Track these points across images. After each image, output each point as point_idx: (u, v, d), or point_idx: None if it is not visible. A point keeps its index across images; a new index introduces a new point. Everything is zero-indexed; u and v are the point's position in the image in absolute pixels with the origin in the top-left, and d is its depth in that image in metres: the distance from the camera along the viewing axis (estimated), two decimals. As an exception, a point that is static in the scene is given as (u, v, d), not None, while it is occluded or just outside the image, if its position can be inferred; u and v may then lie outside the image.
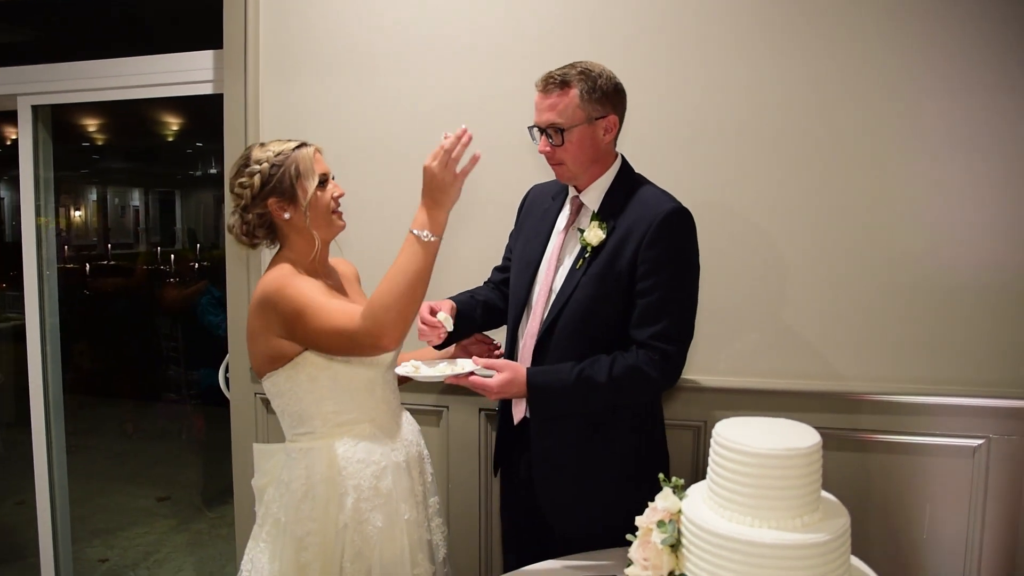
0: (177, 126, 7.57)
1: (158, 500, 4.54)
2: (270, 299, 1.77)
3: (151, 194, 10.48)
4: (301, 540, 1.78)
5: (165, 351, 6.10)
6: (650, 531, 1.45)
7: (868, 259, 2.28)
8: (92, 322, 6.90)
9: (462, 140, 1.70)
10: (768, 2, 2.28)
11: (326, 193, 1.86)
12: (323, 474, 1.80)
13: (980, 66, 2.17)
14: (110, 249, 9.48)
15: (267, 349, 1.81)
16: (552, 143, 1.88)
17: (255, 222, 1.86)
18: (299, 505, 1.79)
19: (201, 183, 9.58)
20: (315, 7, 2.63)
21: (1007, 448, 2.20)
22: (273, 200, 1.82)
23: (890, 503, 2.28)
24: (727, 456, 1.38)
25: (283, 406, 1.88)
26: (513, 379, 1.83)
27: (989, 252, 2.21)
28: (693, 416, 2.38)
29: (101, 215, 9.98)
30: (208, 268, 7.58)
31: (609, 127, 1.90)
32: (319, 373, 1.81)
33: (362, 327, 1.68)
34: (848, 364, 2.32)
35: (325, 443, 1.83)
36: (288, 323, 1.75)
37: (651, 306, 1.83)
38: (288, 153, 1.82)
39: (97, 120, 6.97)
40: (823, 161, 2.29)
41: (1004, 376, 2.22)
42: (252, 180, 1.81)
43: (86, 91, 2.97)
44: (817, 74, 2.27)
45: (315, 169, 1.83)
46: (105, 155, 8.77)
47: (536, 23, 2.44)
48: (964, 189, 2.22)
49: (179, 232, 10.12)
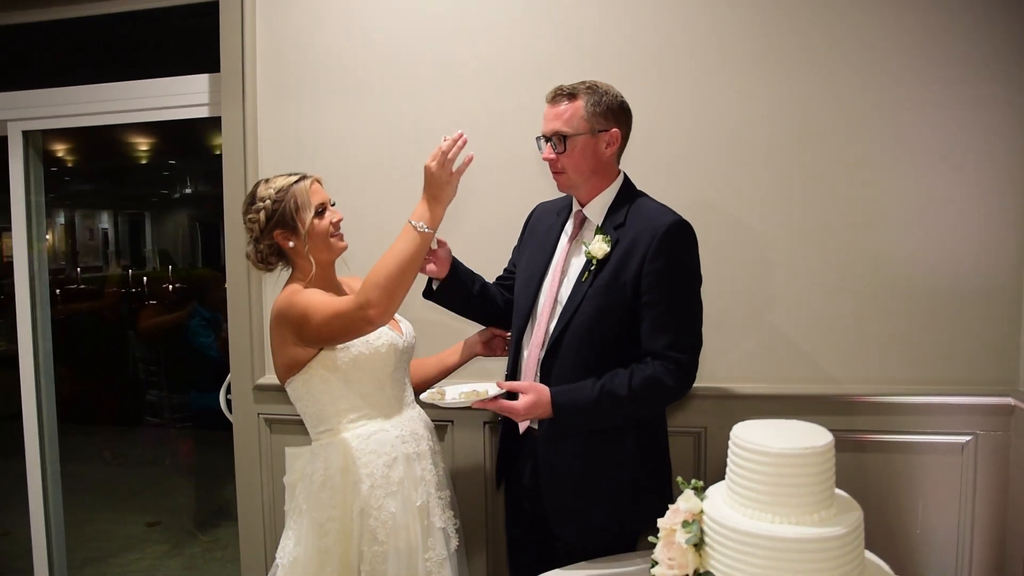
0: (147, 146, 7.50)
1: (148, 526, 4.48)
2: (281, 313, 1.98)
3: (120, 216, 10.33)
4: (322, 526, 1.98)
5: (144, 375, 6.01)
6: (674, 531, 1.51)
7: (857, 265, 2.39)
8: (64, 347, 6.77)
9: (458, 143, 1.88)
10: (758, 20, 2.39)
11: (324, 221, 2.04)
12: (339, 465, 2.00)
13: (960, 81, 2.30)
14: (79, 273, 9.33)
15: (285, 358, 2.01)
16: (556, 151, 1.96)
17: (266, 251, 2.07)
18: (319, 494, 2.00)
19: (175, 204, 9.47)
20: (311, 31, 2.67)
21: (993, 443, 2.31)
22: (278, 232, 2.03)
23: (884, 500, 2.37)
24: (746, 457, 1.45)
25: (304, 408, 2.08)
26: (538, 400, 1.89)
27: (972, 255, 2.33)
28: (693, 423, 2.46)
29: (69, 239, 9.82)
30: (184, 290, 7.49)
31: (611, 141, 1.97)
32: (330, 375, 2.01)
33: (354, 303, 1.86)
34: (841, 367, 2.42)
35: (341, 438, 2.03)
36: (297, 328, 1.95)
37: (661, 317, 1.90)
38: (287, 188, 2.02)
39: (66, 144, 6.89)
40: (812, 172, 2.40)
41: (989, 374, 2.34)
42: (258, 216, 2.03)
43: (79, 116, 2.98)
44: (804, 88, 2.38)
45: (311, 201, 2.02)
46: (75, 178, 8.65)
47: (532, 47, 2.52)
48: (947, 196, 2.34)
49: (150, 254, 9.97)
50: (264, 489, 2.78)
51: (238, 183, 2.69)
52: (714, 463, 2.43)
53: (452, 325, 2.44)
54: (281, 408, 2.71)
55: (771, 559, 1.38)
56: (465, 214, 2.45)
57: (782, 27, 2.38)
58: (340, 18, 2.64)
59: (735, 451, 1.49)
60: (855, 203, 2.38)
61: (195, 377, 4.69)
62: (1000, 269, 2.32)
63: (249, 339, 2.74)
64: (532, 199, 2.34)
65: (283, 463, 2.67)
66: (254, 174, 2.68)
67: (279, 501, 2.73)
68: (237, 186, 2.69)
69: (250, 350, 2.74)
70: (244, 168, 2.68)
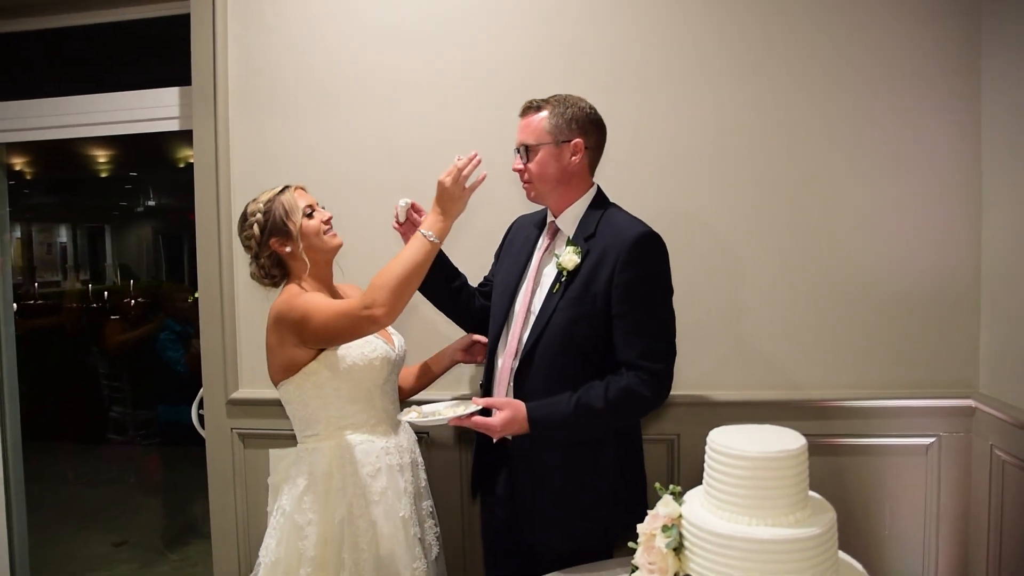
0: (108, 159, 7.38)
1: (115, 545, 4.38)
2: (281, 314, 2.02)
3: (79, 229, 10.12)
4: (302, 529, 2.01)
5: (107, 391, 5.89)
6: (653, 536, 1.54)
7: (822, 273, 2.46)
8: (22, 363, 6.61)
9: (473, 161, 2.00)
10: (734, 39, 2.46)
11: (313, 220, 2.11)
12: (324, 470, 2.04)
13: (918, 93, 2.40)
14: (36, 288, 9.11)
15: (282, 360, 2.04)
16: (523, 161, 2.03)
17: (267, 264, 2.13)
18: (302, 497, 2.03)
19: (137, 216, 9.31)
20: (283, 44, 2.67)
21: (956, 444, 2.39)
22: (274, 240, 2.09)
23: (854, 502, 2.43)
24: (723, 461, 1.49)
25: (293, 411, 2.13)
26: (514, 416, 1.91)
27: (932, 263, 2.41)
28: (666, 430, 2.50)
29: (26, 253, 9.59)
30: (147, 304, 7.36)
31: (575, 150, 2.00)
32: (324, 382, 2.05)
33: (360, 303, 1.91)
34: (809, 373, 2.48)
35: (327, 444, 2.07)
36: (297, 328, 1.98)
37: (633, 328, 1.93)
38: (274, 198, 2.10)
39: (25, 156, 6.75)
40: (780, 182, 2.47)
41: (950, 377, 2.42)
42: (252, 230, 2.09)
43: (48, 129, 2.93)
44: (773, 99, 2.45)
45: (298, 204, 2.10)
46: (33, 190, 8.46)
47: (511, 61, 2.55)
48: (905, 204, 2.42)
49: (110, 268, 9.78)
50: (238, 504, 2.75)
51: (210, 196, 2.67)
52: (688, 470, 2.47)
53: (444, 332, 2.47)
54: (255, 422, 2.70)
55: (749, 560, 1.42)
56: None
57: (756, 48, 2.45)
58: (313, 32, 2.65)
59: (712, 456, 1.52)
60: (820, 212, 2.45)
61: (164, 390, 4.61)
62: (957, 274, 2.41)
63: (222, 353, 2.72)
64: (509, 212, 2.38)
65: (258, 478, 2.66)
66: (226, 187, 2.67)
67: (253, 516, 2.71)
68: (209, 199, 2.68)
69: (223, 364, 2.72)
70: (216, 181, 2.66)
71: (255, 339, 2.73)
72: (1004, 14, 2.26)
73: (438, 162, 2.21)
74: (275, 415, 2.64)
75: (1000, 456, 2.25)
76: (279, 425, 2.60)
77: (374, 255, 2.31)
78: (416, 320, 2.53)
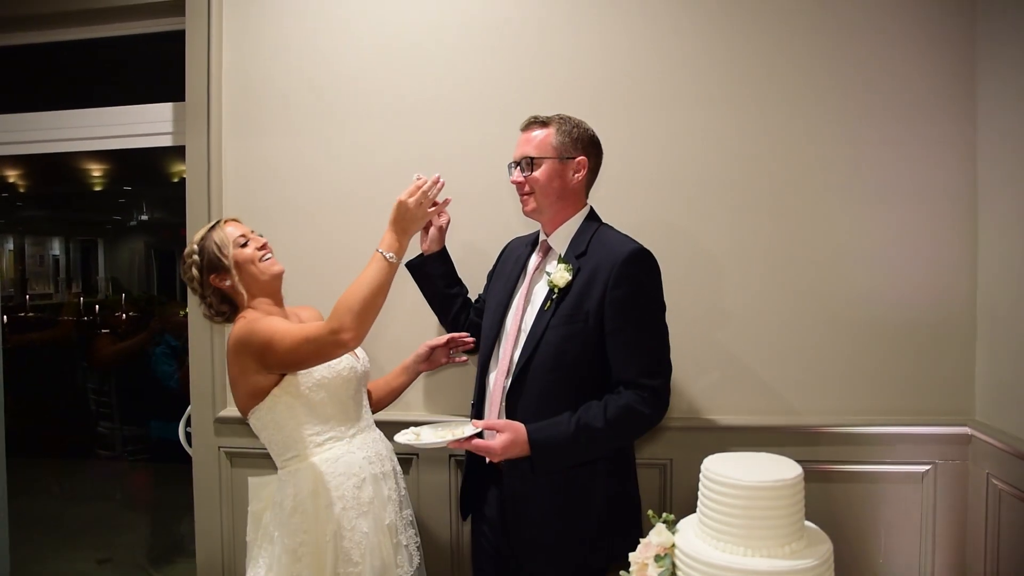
0: (101, 173, 7.36)
1: (98, 563, 4.31)
2: (241, 342, 1.99)
3: (72, 242, 10.08)
4: (295, 551, 1.99)
5: (95, 406, 5.83)
6: (645, 566, 1.51)
7: (818, 299, 2.44)
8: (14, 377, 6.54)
9: (437, 184, 2.02)
10: (728, 64, 2.45)
11: (247, 249, 2.11)
12: (309, 489, 2.02)
13: (914, 121, 2.39)
14: (28, 300, 9.05)
15: (247, 387, 2.03)
16: (524, 173, 2.02)
17: (214, 301, 2.14)
18: (290, 520, 2.01)
19: (130, 231, 9.27)
20: (277, 61, 2.66)
21: (952, 472, 2.37)
22: (213, 276, 2.10)
23: (848, 530, 2.40)
24: (718, 490, 1.47)
25: (269, 437, 2.10)
26: (515, 439, 1.88)
27: (928, 289, 2.40)
28: (659, 455, 2.47)
29: (18, 265, 9.53)
30: (137, 319, 7.31)
31: (578, 168, 2.02)
32: (294, 401, 2.03)
33: (326, 327, 1.89)
34: (804, 399, 2.46)
35: (309, 463, 2.05)
36: (260, 355, 1.96)
37: (628, 346, 1.92)
38: (206, 235, 2.11)
39: (18, 169, 6.73)
40: (777, 207, 2.45)
41: (946, 404, 2.40)
42: (192, 272, 2.11)
43: (41, 143, 2.91)
44: (770, 124, 2.44)
45: (228, 238, 2.10)
46: (25, 203, 8.42)
47: (504, 80, 2.54)
48: (902, 231, 2.41)
49: (101, 281, 9.72)
50: (224, 524, 2.71)
51: (202, 212, 2.66)
52: (681, 495, 2.45)
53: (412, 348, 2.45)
54: (243, 441, 2.66)
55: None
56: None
57: (751, 70, 2.45)
58: (306, 49, 2.65)
59: (706, 484, 1.50)
60: (815, 238, 2.44)
61: (156, 406, 4.56)
62: (953, 300, 2.39)
63: (211, 370, 2.69)
64: (499, 229, 2.38)
65: (244, 497, 2.60)
66: (218, 203, 2.66)
67: (239, 536, 2.65)
68: (200, 215, 2.65)
69: (211, 382, 2.69)
70: (208, 197, 2.65)
71: (245, 357, 2.70)
72: (999, 40, 2.26)
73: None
74: (263, 434, 2.62)
75: (997, 485, 2.23)
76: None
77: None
78: (382, 343, 2.53)
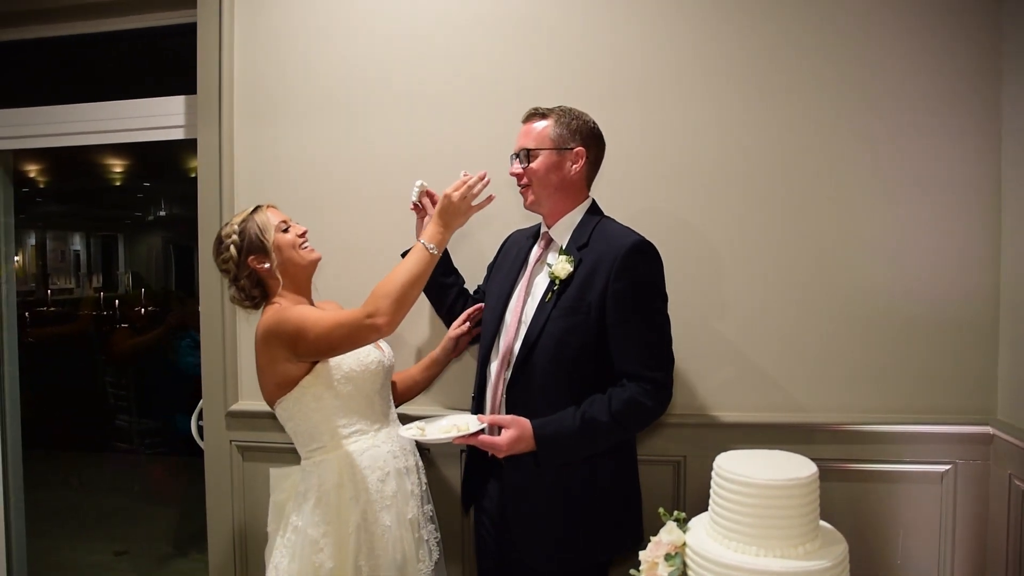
0: (121, 168, 7.42)
1: (116, 555, 4.35)
2: (271, 331, 2.00)
3: (93, 238, 10.18)
4: (316, 542, 2.00)
5: (113, 400, 5.88)
6: (655, 565, 1.49)
7: (835, 294, 2.39)
8: (33, 371, 6.62)
9: (483, 180, 2.02)
10: (744, 54, 2.40)
11: (288, 234, 2.13)
12: (334, 481, 2.03)
13: (934, 112, 2.33)
14: (50, 295, 9.15)
15: (275, 377, 2.04)
16: (522, 165, 2.01)
17: (247, 285, 2.13)
18: (313, 511, 2.02)
19: (149, 226, 9.37)
20: (288, 54, 2.65)
21: (973, 472, 2.31)
22: (252, 258, 2.10)
23: (864, 530, 2.35)
24: (731, 488, 1.43)
25: (295, 427, 2.11)
26: (521, 435, 1.87)
27: (949, 284, 2.34)
28: (671, 451, 2.44)
29: (40, 260, 9.64)
30: (155, 313, 7.38)
31: (576, 159, 2.00)
32: (323, 392, 2.04)
33: (362, 312, 1.90)
34: (820, 395, 2.41)
35: (335, 455, 2.07)
36: (291, 343, 1.97)
37: (630, 338, 1.90)
38: (248, 218, 2.13)
39: (39, 164, 6.79)
40: (792, 199, 2.40)
41: (968, 403, 2.34)
42: (230, 252, 2.10)
43: (53, 136, 2.92)
44: (785, 116, 2.39)
45: (271, 220, 2.12)
46: (47, 199, 8.52)
47: (514, 76, 2.51)
48: (923, 224, 2.35)
49: (122, 276, 9.82)
50: (236, 518, 2.71)
51: (213, 205, 2.65)
52: (694, 492, 2.41)
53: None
54: (255, 435, 2.67)
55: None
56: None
57: (760, 60, 2.40)
58: (319, 41, 2.63)
59: (719, 482, 1.47)
60: (833, 231, 2.39)
61: (177, 399, 4.58)
62: (975, 296, 2.33)
63: (222, 364, 2.68)
64: (504, 224, 2.36)
65: (256, 490, 2.63)
66: (230, 196, 2.65)
67: (251, 529, 2.67)
68: (212, 208, 2.65)
69: (223, 375, 2.69)
70: (219, 190, 2.64)
71: (256, 351, 2.70)
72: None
73: (441, 171, 2.21)
74: (274, 428, 2.60)
75: (1019, 486, 2.17)
76: (278, 438, 2.57)
77: (380, 262, 2.34)
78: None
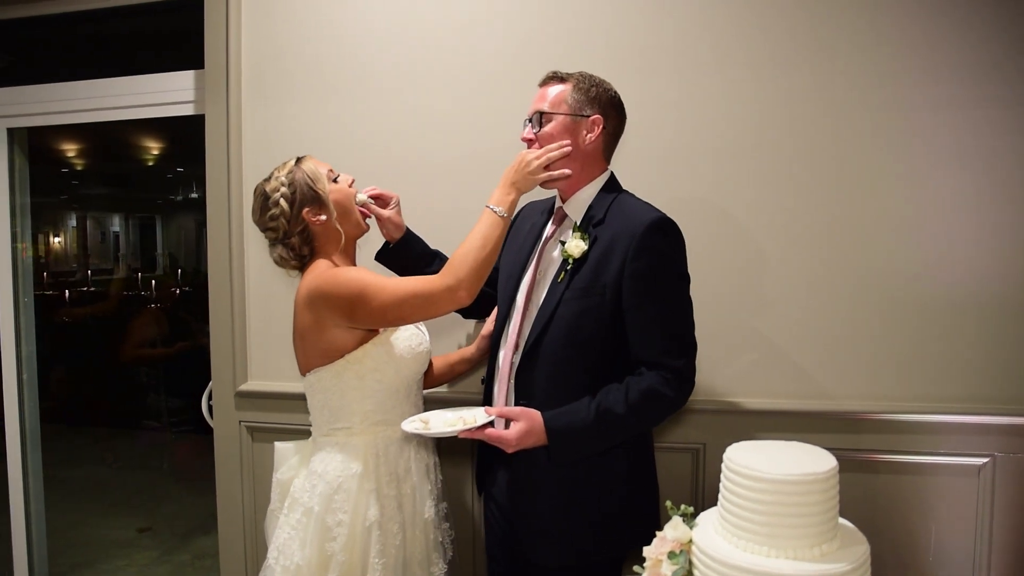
0: (158, 150, 7.49)
1: (139, 531, 4.41)
2: (323, 293, 1.85)
3: (131, 219, 10.34)
4: (331, 529, 1.89)
5: (146, 378, 5.98)
6: (659, 562, 1.39)
7: (863, 276, 2.24)
8: (71, 349, 6.75)
9: (563, 149, 1.85)
10: (754, 22, 2.26)
11: (341, 184, 1.99)
12: (357, 470, 1.92)
13: (967, 81, 2.16)
14: (90, 275, 9.33)
15: (320, 343, 1.90)
16: (534, 130, 1.89)
17: (298, 242, 1.96)
18: (332, 495, 1.90)
19: (182, 208, 9.49)
20: (296, 28, 2.58)
21: (1013, 466, 2.16)
22: (307, 210, 1.93)
23: (895, 524, 2.23)
24: (740, 483, 1.33)
25: (323, 401, 1.97)
26: (531, 428, 1.74)
27: (988, 267, 2.18)
28: (691, 439, 2.33)
29: (80, 241, 9.83)
30: (190, 293, 7.48)
31: (592, 127, 1.86)
32: (368, 373, 1.92)
33: (440, 282, 1.80)
34: (848, 383, 2.27)
35: (361, 440, 1.95)
36: (346, 308, 1.84)
37: (649, 323, 1.76)
38: (294, 169, 1.96)
39: (76, 145, 6.87)
40: (817, 179, 2.26)
41: (1008, 393, 2.18)
42: (281, 206, 1.93)
43: (64, 113, 2.90)
44: (813, 92, 2.24)
45: (320, 169, 1.97)
46: (84, 180, 8.65)
47: (524, 49, 2.41)
48: (958, 204, 2.19)
49: (160, 257, 9.99)
50: (245, 498, 2.69)
51: (221, 180, 2.61)
52: (712, 482, 2.26)
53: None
54: (264, 415, 2.65)
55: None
56: (440, 211, 2.41)
57: (780, 25, 2.25)
58: (326, 16, 2.55)
59: (728, 475, 1.37)
60: (861, 210, 2.23)
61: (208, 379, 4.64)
62: (1012, 279, 2.16)
63: (231, 344, 2.65)
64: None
65: (265, 471, 2.59)
66: (237, 172, 2.60)
67: (260, 510, 2.63)
68: (220, 184, 2.61)
69: (232, 355, 2.66)
70: (227, 166, 2.60)
71: (265, 331, 2.67)
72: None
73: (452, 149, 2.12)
74: (283, 408, 2.60)
75: (1063, 481, 2.03)
76: (287, 419, 2.55)
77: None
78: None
